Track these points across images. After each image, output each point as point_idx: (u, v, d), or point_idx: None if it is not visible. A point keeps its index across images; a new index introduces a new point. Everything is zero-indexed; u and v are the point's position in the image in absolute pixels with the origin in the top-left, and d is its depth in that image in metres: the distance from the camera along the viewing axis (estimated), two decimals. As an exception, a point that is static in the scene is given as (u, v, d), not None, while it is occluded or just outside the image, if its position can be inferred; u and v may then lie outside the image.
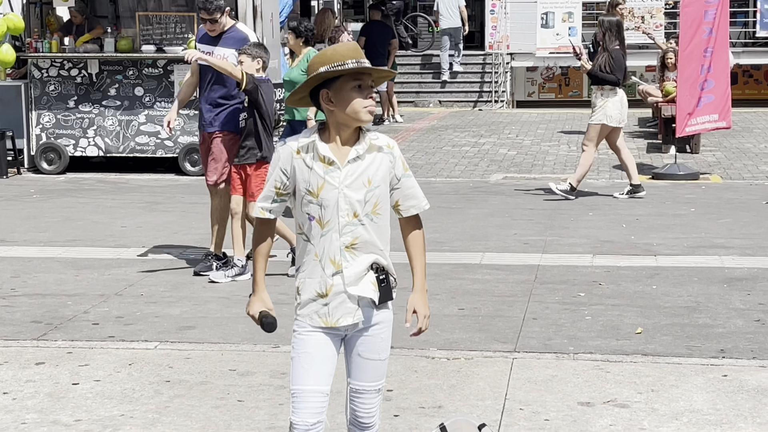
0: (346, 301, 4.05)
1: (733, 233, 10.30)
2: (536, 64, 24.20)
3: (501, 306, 7.89)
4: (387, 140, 4.13)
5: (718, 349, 6.81)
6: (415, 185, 4.18)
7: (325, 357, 4.10)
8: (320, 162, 4.03)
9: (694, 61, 13.21)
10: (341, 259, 4.03)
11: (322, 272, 4.04)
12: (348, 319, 4.06)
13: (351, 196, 4.01)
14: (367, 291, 4.06)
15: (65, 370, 6.53)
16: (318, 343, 4.09)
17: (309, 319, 4.08)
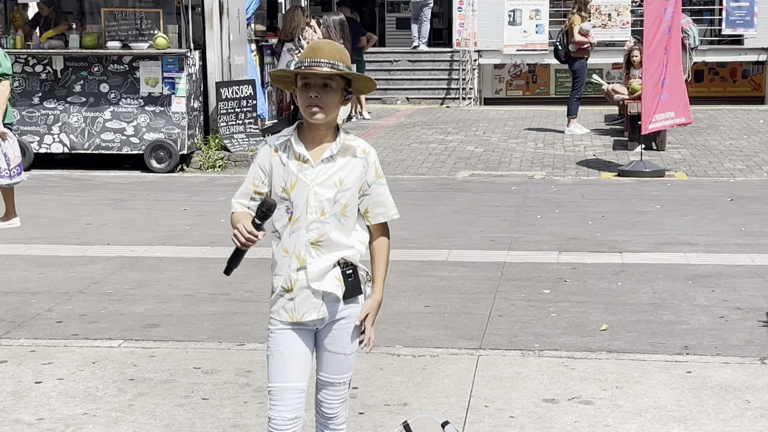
0: (310, 296, 4.07)
1: (698, 230, 10.35)
2: (504, 62, 24.27)
3: (467, 303, 7.89)
4: (365, 146, 4.12)
5: (683, 346, 6.83)
6: (385, 193, 4.16)
7: (299, 353, 4.12)
8: (295, 159, 4.05)
9: (657, 59, 13.28)
10: (306, 255, 4.04)
11: (288, 268, 4.07)
12: (313, 314, 4.08)
13: (321, 194, 4.02)
14: (330, 286, 4.07)
15: (28, 368, 6.48)
16: (290, 340, 4.12)
17: (278, 315, 4.12)
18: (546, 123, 19.68)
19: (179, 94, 14.24)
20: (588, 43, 17.87)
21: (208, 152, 14.67)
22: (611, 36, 22.92)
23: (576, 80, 18.21)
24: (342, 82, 4.04)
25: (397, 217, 4.19)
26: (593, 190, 12.70)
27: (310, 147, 4.06)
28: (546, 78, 25.27)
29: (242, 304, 7.88)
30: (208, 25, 14.95)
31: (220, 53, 15.08)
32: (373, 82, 4.25)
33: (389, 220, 4.18)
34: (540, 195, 12.43)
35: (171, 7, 14.63)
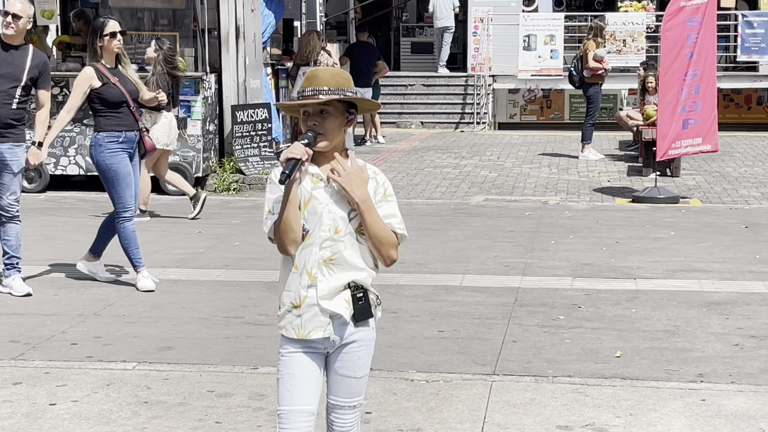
0: (318, 314, 4.08)
1: (712, 257, 10.33)
2: (518, 87, 24.30)
3: (480, 328, 7.89)
4: (374, 168, 4.18)
5: (697, 374, 6.82)
6: (394, 210, 4.14)
7: (309, 377, 4.13)
8: (308, 177, 4.09)
9: (675, 85, 13.27)
10: (317, 273, 4.07)
11: (299, 284, 4.09)
12: (319, 333, 4.09)
13: (335, 212, 4.06)
14: (338, 307, 4.09)
15: (42, 390, 6.50)
16: (301, 362, 4.13)
17: (285, 331, 4.14)
18: (560, 148, 19.70)
19: (195, 117, 14.30)
20: (602, 69, 17.90)
21: (223, 175, 14.71)
22: (626, 62, 22.94)
23: (590, 106, 18.23)
24: (342, 105, 4.10)
25: (404, 233, 4.15)
26: (607, 216, 12.69)
27: (324, 167, 4.11)
28: (560, 103, 25.29)
29: (256, 328, 7.89)
30: (224, 48, 15.02)
31: (236, 76, 15.14)
32: (375, 103, 4.36)
33: (396, 232, 4.12)
34: (554, 220, 12.43)
35: (188, 31, 14.72)
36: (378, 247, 4.08)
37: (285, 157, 3.97)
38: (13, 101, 8.73)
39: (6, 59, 8.69)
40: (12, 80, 8.69)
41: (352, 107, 4.13)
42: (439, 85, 24.64)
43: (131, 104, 8.97)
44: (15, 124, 8.82)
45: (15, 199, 8.93)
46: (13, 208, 8.93)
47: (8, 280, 8.94)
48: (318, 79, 4.06)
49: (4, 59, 8.69)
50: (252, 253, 10.47)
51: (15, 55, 8.71)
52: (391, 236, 4.10)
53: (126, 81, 9.04)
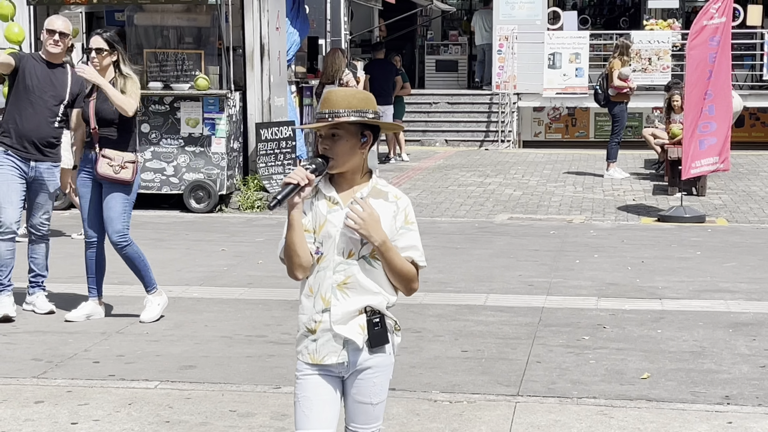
0: (331, 339, 4.04)
1: (739, 277, 10.23)
2: (543, 105, 24.25)
3: (505, 348, 7.83)
4: (396, 192, 4.13)
5: (723, 396, 6.74)
6: (414, 239, 4.09)
7: (325, 400, 4.09)
8: (325, 201, 4.06)
9: (699, 104, 13.21)
10: (331, 297, 4.03)
11: (313, 308, 4.06)
12: (333, 358, 4.05)
13: (349, 236, 4.01)
14: (352, 333, 4.03)
15: (64, 409, 6.48)
16: (317, 386, 4.09)
17: (301, 356, 4.11)
18: (585, 167, 19.63)
19: (219, 134, 14.32)
20: (627, 88, 17.83)
21: (247, 193, 14.71)
22: (651, 80, 22.86)
23: (615, 124, 18.16)
24: (355, 128, 4.03)
25: (424, 265, 4.12)
26: (633, 236, 12.61)
27: (341, 191, 4.07)
28: (585, 121, 25.21)
29: (279, 347, 7.85)
30: (249, 66, 15.04)
31: (261, 94, 15.16)
32: (393, 125, 4.36)
33: (415, 261, 4.08)
34: (579, 239, 12.36)
35: (212, 49, 14.74)
36: (398, 282, 4.07)
37: (284, 181, 3.93)
38: (56, 120, 8.67)
39: (50, 77, 8.64)
40: (56, 99, 8.63)
41: (367, 129, 4.06)
42: (463, 103, 24.64)
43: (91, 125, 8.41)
44: (55, 144, 8.77)
45: (46, 219, 8.94)
46: (44, 227, 8.94)
47: (32, 298, 8.95)
48: (330, 102, 4.02)
49: (47, 77, 8.63)
50: (275, 271, 10.44)
51: (57, 73, 8.68)
52: (411, 270, 4.06)
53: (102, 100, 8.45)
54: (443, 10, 29.31)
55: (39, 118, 8.60)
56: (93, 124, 8.45)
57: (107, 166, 8.44)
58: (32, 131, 8.60)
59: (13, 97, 8.68)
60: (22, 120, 8.58)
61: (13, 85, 8.68)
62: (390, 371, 4.15)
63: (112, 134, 8.49)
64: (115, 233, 8.58)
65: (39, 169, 8.68)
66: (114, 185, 8.52)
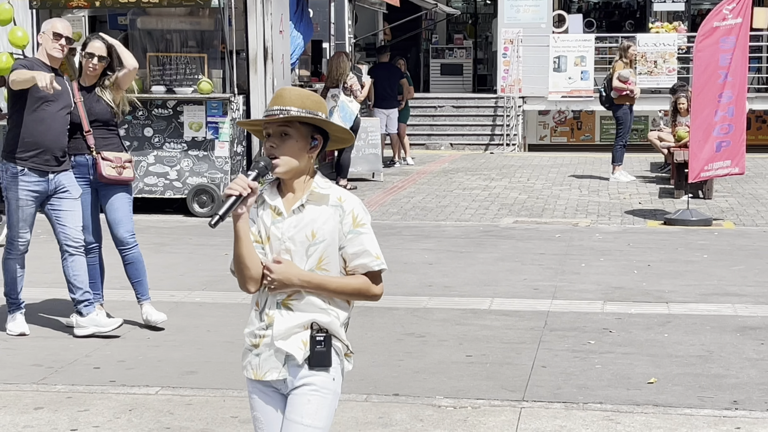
0: (274, 354, 3.83)
1: (746, 281, 10.14)
2: (548, 108, 24.18)
3: (509, 353, 7.75)
4: (341, 193, 3.87)
5: (731, 401, 6.65)
6: (365, 242, 3.83)
7: (275, 417, 3.91)
8: (270, 211, 3.85)
9: (708, 107, 13.11)
10: (275, 313, 3.82)
11: (257, 323, 3.88)
12: (274, 374, 3.84)
13: (291, 249, 3.81)
14: (292, 348, 3.81)
15: (64, 415, 6.41)
16: (263, 404, 3.92)
17: (246, 371, 3.94)
18: (591, 170, 19.55)
19: (223, 138, 14.25)
20: (627, 90, 17.73)
21: (251, 197, 14.63)
22: (657, 83, 22.78)
23: (620, 127, 18.08)
24: (306, 130, 3.81)
25: (382, 268, 3.85)
26: (639, 239, 12.52)
27: (284, 197, 3.85)
28: (591, 125, 25.14)
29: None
30: (253, 70, 14.97)
31: (264, 98, 15.08)
32: (347, 132, 3.97)
33: (371, 270, 3.84)
34: (584, 243, 12.27)
35: (216, 52, 14.68)
36: (352, 299, 3.89)
37: (225, 193, 3.70)
38: (67, 129, 8.24)
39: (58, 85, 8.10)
40: (66, 107, 8.18)
41: (317, 133, 3.84)
42: (468, 107, 24.57)
43: (85, 128, 8.26)
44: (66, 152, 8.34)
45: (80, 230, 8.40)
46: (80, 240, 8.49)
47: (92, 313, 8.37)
48: (283, 98, 3.78)
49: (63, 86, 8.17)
50: (278, 275, 10.36)
51: (60, 80, 8.17)
52: (358, 285, 3.83)
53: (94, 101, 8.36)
54: (448, 13, 29.24)
55: (56, 129, 8.10)
56: (86, 127, 8.30)
57: (110, 168, 8.35)
58: (52, 143, 8.06)
59: (28, 109, 8.01)
60: (41, 132, 8.01)
61: (18, 95, 8.03)
62: (330, 397, 3.86)
63: (106, 135, 8.38)
64: (127, 233, 8.51)
65: (59, 180, 8.15)
66: (117, 186, 8.46)
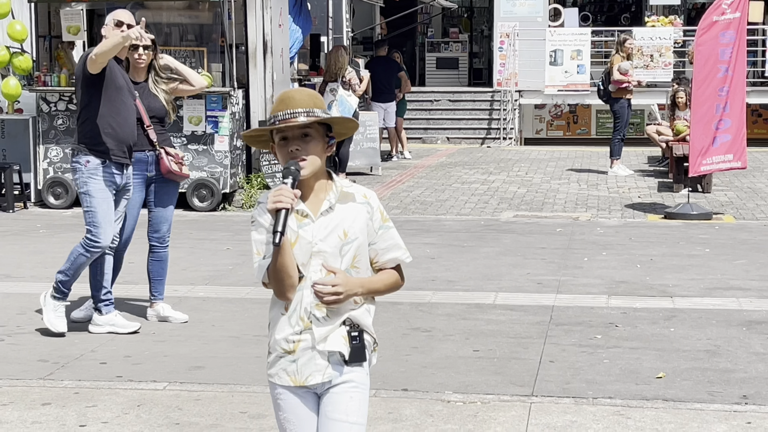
0: (315, 357, 3.77)
1: (749, 275, 10.13)
2: (544, 102, 24.15)
3: (516, 348, 7.73)
4: (364, 190, 3.88)
5: (741, 395, 6.64)
6: (394, 237, 3.89)
7: (309, 417, 3.86)
8: (294, 214, 3.75)
9: (709, 100, 13.09)
10: (311, 317, 3.76)
11: (290, 328, 3.78)
12: (317, 377, 3.79)
13: (325, 251, 3.76)
14: (337, 345, 3.79)
15: (72, 411, 6.38)
16: (297, 405, 3.85)
17: (278, 378, 3.84)
18: (588, 164, 19.53)
19: (222, 132, 14.21)
20: (627, 83, 17.71)
21: (251, 191, 14.61)
22: (653, 77, 22.75)
23: (617, 121, 18.06)
24: (322, 129, 3.81)
25: (409, 260, 3.93)
26: (640, 233, 12.51)
27: (305, 199, 3.79)
28: (587, 118, 25.11)
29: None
30: (252, 63, 14.93)
31: (264, 92, 15.05)
32: (355, 122, 3.98)
33: (400, 263, 3.91)
34: (586, 237, 12.25)
35: (215, 46, 14.63)
36: (385, 294, 3.92)
37: (273, 207, 3.58)
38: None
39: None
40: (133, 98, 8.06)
41: (329, 131, 3.84)
42: (465, 101, 24.54)
43: (146, 123, 8.22)
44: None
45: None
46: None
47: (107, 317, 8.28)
48: (294, 101, 3.74)
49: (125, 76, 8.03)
50: (281, 270, 10.33)
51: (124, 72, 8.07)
52: (393, 281, 3.90)
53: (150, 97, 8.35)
54: (444, 7, 29.20)
55: (131, 120, 7.95)
56: (148, 122, 8.23)
57: (174, 163, 8.37)
58: (129, 135, 7.91)
59: (104, 100, 7.76)
60: (119, 123, 7.81)
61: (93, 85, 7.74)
62: (367, 392, 3.88)
63: (160, 131, 8.38)
64: (168, 230, 8.52)
65: (128, 174, 8.04)
66: (170, 183, 8.46)
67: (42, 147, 14.45)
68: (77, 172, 7.93)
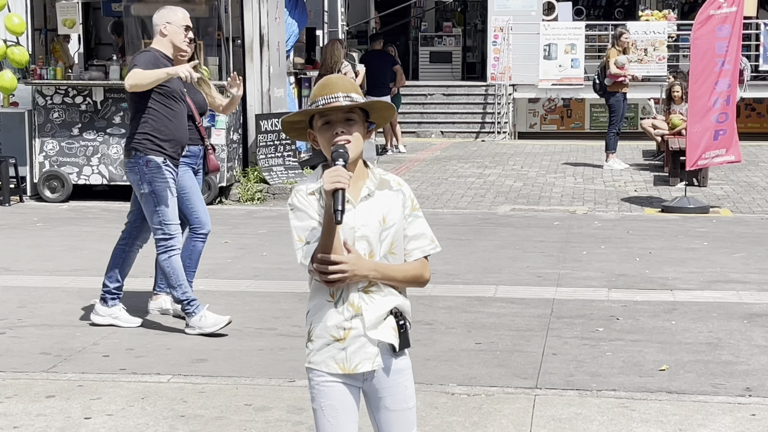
0: (365, 345, 3.78)
1: (748, 268, 10.15)
2: (538, 96, 24.17)
3: (519, 341, 7.74)
4: (397, 178, 3.91)
5: (744, 387, 6.66)
6: (423, 226, 3.90)
7: (350, 406, 3.86)
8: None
9: (705, 94, 13.11)
10: (360, 302, 3.77)
11: (339, 315, 3.78)
12: (367, 365, 3.79)
13: (368, 236, 3.78)
14: (388, 336, 3.81)
15: (76, 403, 6.37)
16: (340, 393, 3.83)
17: (325, 366, 3.81)
18: (583, 158, 19.55)
19: (219, 126, 14.17)
20: (624, 77, 17.73)
21: (247, 185, 14.59)
22: (648, 71, 22.77)
23: (613, 115, 18.07)
24: (362, 114, 3.83)
25: (438, 250, 3.93)
26: (638, 226, 12.52)
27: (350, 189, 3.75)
28: (581, 113, 25.14)
29: (290, 339, 7.75)
30: (248, 57, 14.91)
31: (260, 85, 15.03)
32: (393, 108, 4.00)
33: (429, 254, 3.90)
34: (584, 230, 12.27)
35: (211, 39, 14.61)
36: (409, 286, 3.90)
37: (332, 188, 3.58)
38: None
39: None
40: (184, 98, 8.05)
41: (368, 118, 3.86)
42: (459, 95, 24.54)
43: (197, 118, 8.27)
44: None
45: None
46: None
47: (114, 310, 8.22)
48: (336, 86, 3.76)
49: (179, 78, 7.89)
50: (280, 263, 10.34)
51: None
52: (415, 272, 3.86)
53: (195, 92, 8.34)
54: (437, 1, 29.18)
55: (185, 120, 7.97)
56: (198, 117, 8.24)
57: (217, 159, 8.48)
58: (183, 137, 7.96)
59: (159, 102, 7.76)
60: (175, 125, 7.84)
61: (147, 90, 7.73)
62: (412, 373, 3.96)
63: (204, 126, 8.46)
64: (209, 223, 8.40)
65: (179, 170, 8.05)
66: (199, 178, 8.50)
67: (38, 140, 14.42)
68: (137, 173, 7.90)
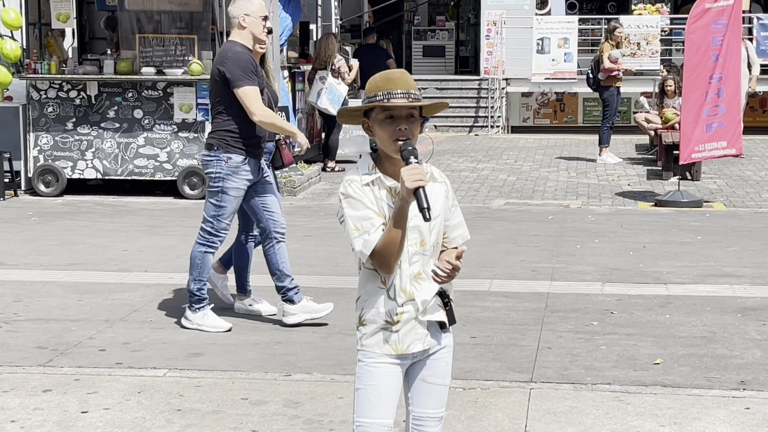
0: (416, 326, 3.95)
1: (742, 262, 10.19)
2: (531, 90, 24.19)
3: (514, 334, 7.77)
4: (438, 170, 4.08)
5: (738, 381, 6.69)
6: (460, 215, 4.14)
7: (393, 389, 4.00)
8: (386, 191, 3.92)
9: (699, 88, 13.13)
10: (411, 288, 3.94)
11: (391, 301, 3.94)
12: (418, 345, 3.97)
13: (420, 225, 3.91)
14: (437, 315, 3.99)
15: (73, 397, 6.39)
16: (387, 374, 3.98)
17: (378, 348, 3.96)
18: (576, 152, 19.59)
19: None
20: (617, 71, 17.75)
21: (241, 179, 14.57)
22: (640, 65, 22.81)
23: (606, 109, 18.10)
24: (418, 110, 3.96)
25: (469, 237, 4.15)
26: (631, 220, 12.56)
27: (395, 178, 3.92)
28: (574, 107, 25.16)
29: (285, 334, 7.78)
30: (242, 51, 14.87)
31: (254, 80, 15.00)
32: (446, 104, 4.16)
33: (466, 240, 4.11)
34: (577, 224, 12.30)
35: (206, 34, 14.58)
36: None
37: (414, 186, 3.71)
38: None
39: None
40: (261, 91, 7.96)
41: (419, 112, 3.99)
42: (452, 89, 24.55)
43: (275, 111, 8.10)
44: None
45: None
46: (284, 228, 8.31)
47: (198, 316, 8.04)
48: (401, 82, 3.89)
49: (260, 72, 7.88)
50: (275, 257, 10.33)
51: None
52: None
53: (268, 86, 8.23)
54: (431, -5, 29.16)
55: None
56: (276, 111, 8.11)
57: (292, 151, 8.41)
58: (266, 135, 7.92)
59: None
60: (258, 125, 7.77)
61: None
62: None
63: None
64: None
65: (263, 165, 7.98)
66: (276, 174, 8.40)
67: (32, 135, 14.40)
68: (215, 167, 7.79)
